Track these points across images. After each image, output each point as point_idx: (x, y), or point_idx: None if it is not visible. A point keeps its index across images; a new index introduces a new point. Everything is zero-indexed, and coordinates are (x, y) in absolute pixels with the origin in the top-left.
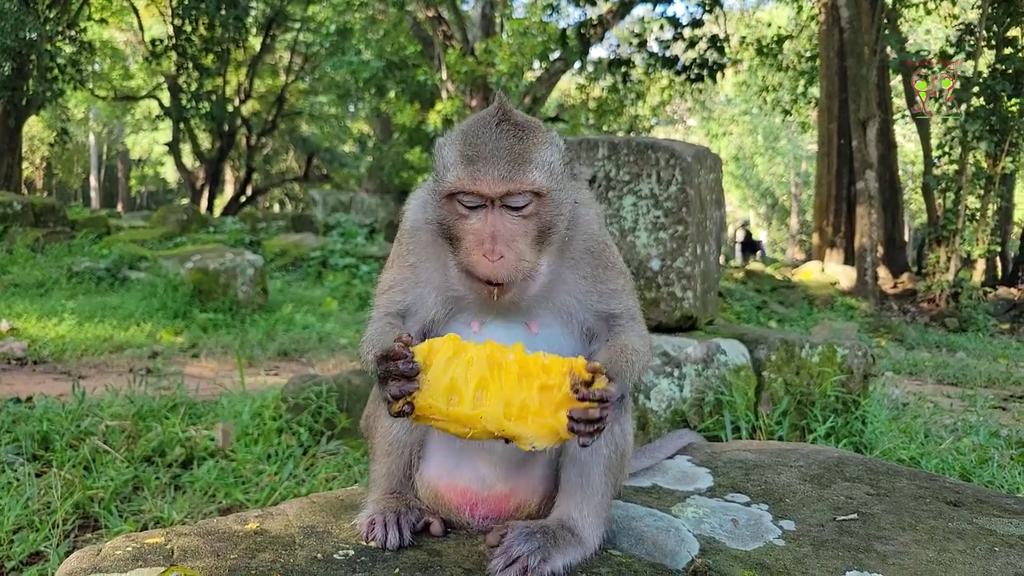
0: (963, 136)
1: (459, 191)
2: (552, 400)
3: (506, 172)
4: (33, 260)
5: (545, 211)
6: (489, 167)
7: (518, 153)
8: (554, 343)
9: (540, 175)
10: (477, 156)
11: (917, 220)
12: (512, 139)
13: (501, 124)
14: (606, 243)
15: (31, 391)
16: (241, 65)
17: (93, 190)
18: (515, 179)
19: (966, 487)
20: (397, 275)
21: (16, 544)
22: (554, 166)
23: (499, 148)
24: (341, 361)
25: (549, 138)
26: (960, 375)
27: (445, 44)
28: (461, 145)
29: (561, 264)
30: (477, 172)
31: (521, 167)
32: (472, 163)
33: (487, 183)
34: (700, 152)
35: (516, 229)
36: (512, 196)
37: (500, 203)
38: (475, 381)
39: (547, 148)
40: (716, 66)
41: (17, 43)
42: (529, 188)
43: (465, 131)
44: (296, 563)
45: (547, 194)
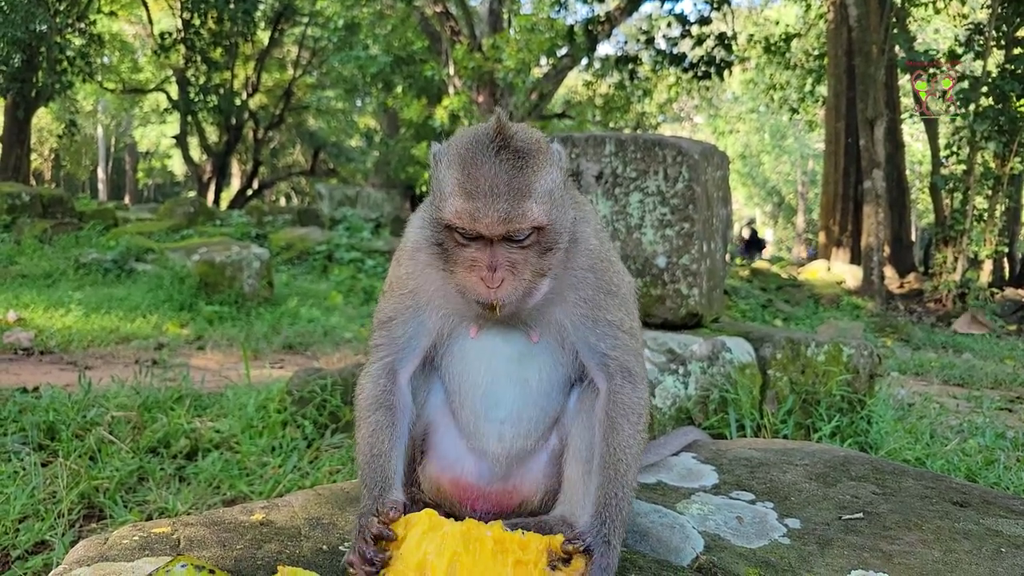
0: (971, 136)
1: (456, 221)
2: (527, 573)
3: (506, 213)
4: (41, 251)
5: (546, 239)
6: (488, 207)
7: (518, 189)
8: (555, 353)
9: (541, 209)
10: (476, 191)
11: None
12: (512, 170)
13: (500, 152)
14: (609, 259)
15: (38, 381)
16: (249, 59)
17: (101, 182)
18: (515, 219)
19: (972, 487)
20: (397, 305)
21: (22, 533)
22: (555, 192)
23: (498, 184)
24: (346, 355)
25: (550, 159)
26: (966, 376)
27: (452, 40)
28: (459, 174)
29: (562, 281)
30: (477, 212)
31: (521, 204)
32: (471, 199)
33: (486, 224)
34: (707, 149)
35: (516, 258)
36: (513, 233)
37: (499, 240)
38: (448, 555)
39: (548, 173)
40: (723, 64)
41: (27, 35)
42: (530, 225)
43: (463, 156)
44: (302, 554)
45: (547, 223)
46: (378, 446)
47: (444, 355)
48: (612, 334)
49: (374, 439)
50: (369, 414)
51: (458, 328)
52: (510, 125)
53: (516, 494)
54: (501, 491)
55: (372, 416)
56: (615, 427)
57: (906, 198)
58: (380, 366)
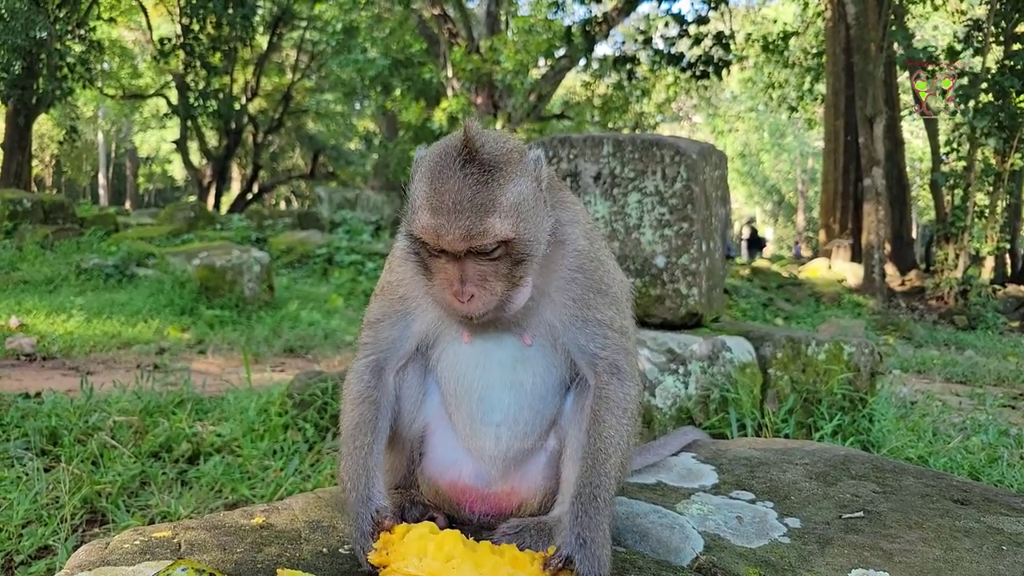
0: (971, 132)
1: (424, 236)
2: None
3: (467, 229)
4: (42, 257)
5: (516, 250)
6: (451, 223)
7: (480, 204)
8: (549, 355)
9: (505, 223)
10: (440, 207)
11: (925, 217)
12: (476, 185)
13: (466, 166)
14: (599, 259)
15: (40, 387)
16: (248, 63)
17: (101, 188)
18: (477, 236)
19: (973, 485)
20: (387, 308)
21: (25, 538)
22: (524, 203)
23: (461, 200)
24: (347, 358)
25: (521, 168)
26: (969, 373)
27: (450, 42)
28: (427, 187)
29: (549, 283)
30: (440, 228)
31: (483, 221)
32: (435, 215)
33: (448, 241)
34: (705, 149)
35: (486, 270)
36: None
37: (465, 255)
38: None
39: (516, 184)
40: (722, 63)
41: (27, 42)
42: (493, 240)
43: (432, 169)
44: (302, 557)
45: (515, 237)
46: (360, 438)
47: (439, 359)
48: (602, 333)
49: (357, 431)
50: (353, 408)
51: (451, 333)
52: (479, 136)
53: (515, 496)
54: (500, 493)
55: (356, 410)
56: (598, 420)
57: (906, 195)
58: (366, 363)
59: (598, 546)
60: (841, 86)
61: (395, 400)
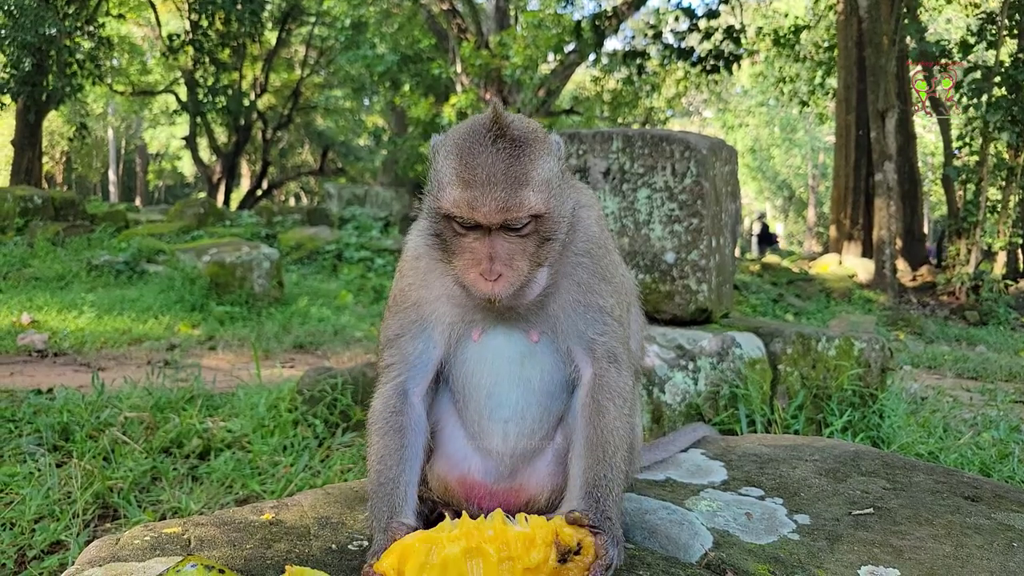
0: (984, 127)
1: (453, 209)
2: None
3: (503, 201)
4: (53, 253)
5: (545, 227)
6: (486, 196)
7: (515, 177)
8: (555, 352)
9: (539, 197)
10: (473, 180)
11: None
12: (509, 159)
13: (497, 141)
14: (607, 247)
15: (52, 383)
16: (257, 59)
17: (112, 184)
18: (513, 208)
19: (984, 482)
20: (403, 320)
21: (38, 533)
22: (553, 180)
23: (495, 172)
24: (356, 354)
25: (546, 147)
26: (980, 369)
27: (459, 37)
28: (457, 163)
29: (560, 268)
30: (474, 200)
31: (519, 193)
32: (468, 188)
33: (484, 213)
34: (715, 144)
35: (514, 248)
36: (510, 222)
37: (496, 228)
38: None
39: (545, 162)
40: (732, 57)
41: (37, 39)
42: (528, 213)
43: (460, 146)
44: (311, 553)
45: (545, 211)
46: (386, 473)
47: (448, 357)
48: (601, 319)
49: (382, 466)
50: (378, 439)
51: (462, 334)
52: (507, 115)
53: (523, 492)
54: (507, 489)
55: (381, 441)
56: (601, 410)
57: (918, 190)
58: (392, 387)
59: (617, 526)
60: (853, 80)
61: (425, 422)
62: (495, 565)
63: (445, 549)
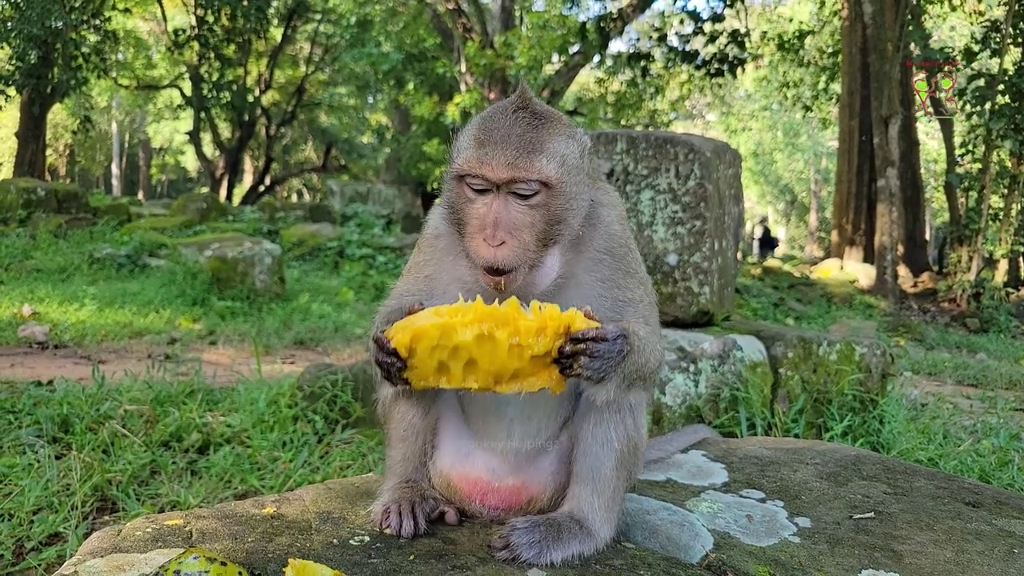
0: (987, 134)
1: (466, 173)
2: (544, 363)
3: (513, 158)
4: (55, 246)
5: (554, 203)
6: (497, 151)
7: (529, 141)
8: None
9: (550, 165)
10: (488, 140)
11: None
12: (526, 127)
13: (518, 112)
14: (629, 246)
15: (52, 375)
16: (262, 55)
17: (115, 178)
18: (522, 166)
19: (985, 488)
20: (411, 286)
21: (36, 525)
22: (568, 159)
23: (511, 134)
24: (356, 351)
25: (569, 132)
26: (980, 376)
27: (464, 37)
28: (476, 130)
29: (577, 264)
30: (485, 156)
31: (530, 155)
32: (482, 146)
33: (492, 167)
34: (719, 147)
35: (521, 218)
36: (518, 183)
37: (506, 190)
38: (463, 361)
39: (563, 140)
40: (736, 61)
41: (43, 32)
42: (536, 177)
43: (483, 117)
44: (312, 548)
45: (556, 185)
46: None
47: None
48: (632, 307)
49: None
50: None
51: None
52: (533, 96)
53: (525, 491)
54: (510, 488)
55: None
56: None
57: (920, 197)
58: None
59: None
60: (856, 86)
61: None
62: (504, 351)
63: (458, 335)
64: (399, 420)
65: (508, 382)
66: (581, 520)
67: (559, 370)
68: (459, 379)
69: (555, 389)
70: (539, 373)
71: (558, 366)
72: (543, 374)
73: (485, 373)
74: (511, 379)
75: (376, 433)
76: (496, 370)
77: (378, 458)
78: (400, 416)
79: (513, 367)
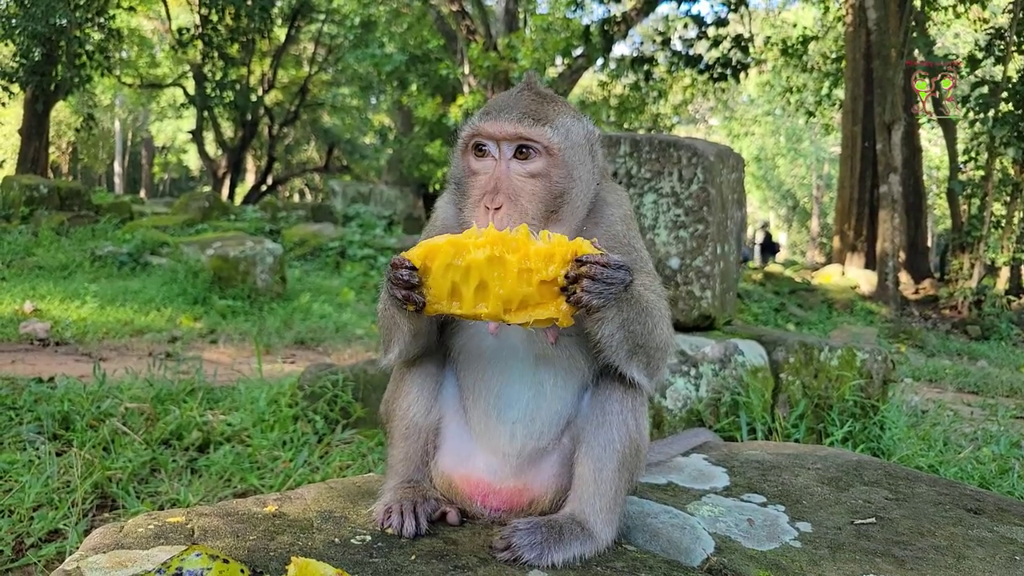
0: (990, 141)
1: (471, 136)
2: (552, 292)
3: (518, 118)
4: (57, 243)
5: (555, 173)
6: (502, 113)
7: (534, 110)
8: (572, 356)
9: (553, 132)
10: (495, 106)
11: (941, 226)
12: (532, 100)
13: (523, 91)
14: (632, 246)
15: (53, 371)
16: (265, 55)
17: (117, 176)
18: (525, 126)
19: (987, 495)
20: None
21: (36, 521)
22: (572, 134)
23: (518, 102)
24: (357, 351)
25: (575, 114)
26: (981, 384)
27: (468, 38)
28: (484, 105)
29: None
30: (489, 116)
31: (533, 120)
32: (488, 113)
33: (496, 124)
34: (722, 151)
35: (521, 185)
36: (522, 142)
37: (508, 154)
38: (475, 284)
39: (568, 117)
40: (740, 66)
41: (47, 29)
42: (538, 139)
43: (489, 100)
44: (314, 546)
45: (558, 154)
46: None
47: (461, 349)
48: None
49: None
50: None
51: (478, 323)
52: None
53: (527, 493)
54: (512, 489)
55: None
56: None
57: (923, 203)
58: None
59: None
60: (860, 92)
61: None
62: (514, 274)
63: (471, 254)
64: (401, 418)
65: (517, 311)
66: (583, 522)
67: (566, 299)
68: (470, 304)
69: (563, 322)
70: (547, 303)
71: (565, 295)
72: (551, 304)
73: (495, 298)
74: (520, 308)
75: (376, 434)
76: (506, 294)
77: (378, 458)
78: (402, 414)
79: (522, 292)
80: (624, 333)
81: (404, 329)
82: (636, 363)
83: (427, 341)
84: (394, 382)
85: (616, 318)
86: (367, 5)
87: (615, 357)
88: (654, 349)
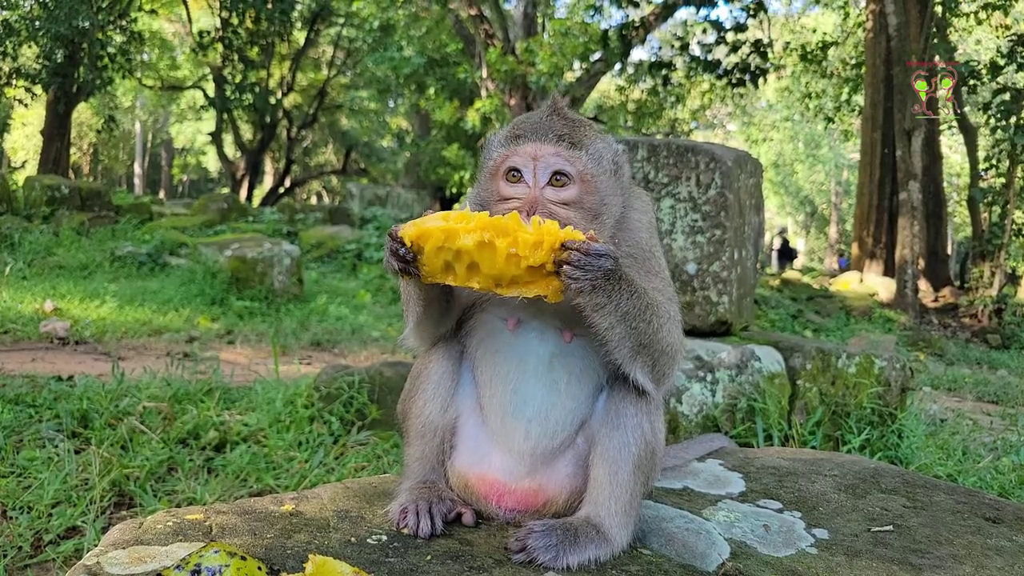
0: (1012, 149)
1: (503, 162)
2: (540, 274)
3: (553, 145)
4: (78, 243)
5: (588, 200)
6: (535, 138)
7: (566, 135)
8: (587, 356)
9: (586, 158)
10: (524, 132)
11: (961, 233)
12: (562, 125)
13: (552, 116)
14: (653, 253)
15: (72, 370)
16: (285, 58)
17: (137, 177)
18: (561, 153)
19: (1006, 504)
20: None
21: (55, 518)
22: (603, 157)
23: (549, 128)
24: (373, 353)
25: (602, 137)
26: (1001, 393)
27: (486, 42)
28: (510, 128)
29: None
30: (520, 141)
31: (566, 145)
32: (518, 138)
33: (529, 149)
34: (740, 156)
35: (555, 211)
36: (554, 172)
37: (543, 185)
38: (466, 264)
39: (597, 141)
40: (759, 71)
41: (70, 31)
42: (575, 165)
43: (514, 123)
44: (330, 545)
45: (591, 180)
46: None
47: (478, 346)
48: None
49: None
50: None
51: (495, 319)
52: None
53: (541, 493)
54: (527, 489)
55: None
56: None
57: (943, 211)
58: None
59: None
60: (880, 98)
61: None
62: (503, 259)
63: (461, 239)
64: (416, 416)
65: (508, 286)
66: (598, 525)
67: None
68: (463, 279)
69: (551, 298)
70: (537, 282)
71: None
72: (541, 283)
73: (486, 276)
74: (510, 284)
75: (391, 436)
76: (496, 274)
77: (393, 460)
78: (417, 412)
79: (511, 275)
80: (625, 328)
81: (414, 295)
82: (640, 364)
83: (440, 314)
84: (411, 380)
85: (613, 310)
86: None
87: (618, 353)
88: (659, 352)
